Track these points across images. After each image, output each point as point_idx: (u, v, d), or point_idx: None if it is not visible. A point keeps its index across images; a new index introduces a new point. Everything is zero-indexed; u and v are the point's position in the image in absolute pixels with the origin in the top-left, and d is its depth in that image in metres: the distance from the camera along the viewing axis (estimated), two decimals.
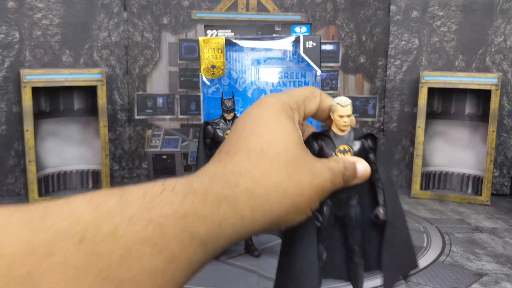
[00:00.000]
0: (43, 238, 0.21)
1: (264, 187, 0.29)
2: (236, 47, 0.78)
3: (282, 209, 0.30)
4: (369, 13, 1.13)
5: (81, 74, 1.02)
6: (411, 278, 0.62)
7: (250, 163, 0.30)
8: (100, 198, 0.24)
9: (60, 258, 0.21)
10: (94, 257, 0.22)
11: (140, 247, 0.23)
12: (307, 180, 0.32)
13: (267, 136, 0.32)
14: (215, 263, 0.67)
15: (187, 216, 0.25)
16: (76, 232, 0.22)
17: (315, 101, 0.38)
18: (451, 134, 1.10)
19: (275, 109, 0.34)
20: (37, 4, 1.04)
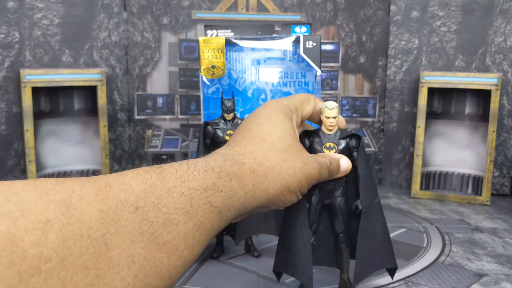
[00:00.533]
0: (109, 206, 0.25)
1: (263, 168, 0.36)
2: (236, 47, 0.78)
3: (277, 188, 0.36)
4: (369, 13, 1.13)
5: (81, 74, 1.02)
6: (411, 278, 0.62)
7: (252, 146, 0.36)
8: (144, 174, 0.28)
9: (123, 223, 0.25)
10: (145, 222, 0.26)
11: (176, 215, 0.28)
12: (299, 166, 0.38)
13: (266, 127, 0.38)
14: (215, 263, 0.67)
15: (208, 189, 0.30)
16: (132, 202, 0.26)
17: (310, 105, 0.45)
18: (451, 134, 1.10)
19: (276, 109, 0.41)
20: (37, 4, 1.04)
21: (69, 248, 0.22)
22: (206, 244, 0.31)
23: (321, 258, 0.55)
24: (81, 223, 0.23)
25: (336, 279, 0.59)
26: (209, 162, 0.33)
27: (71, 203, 0.24)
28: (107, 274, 0.24)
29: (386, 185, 1.18)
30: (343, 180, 0.51)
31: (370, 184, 0.49)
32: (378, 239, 0.50)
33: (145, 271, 0.26)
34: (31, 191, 0.23)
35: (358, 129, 1.17)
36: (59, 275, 0.22)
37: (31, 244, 0.21)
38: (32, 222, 0.22)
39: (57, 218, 0.23)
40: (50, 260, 0.21)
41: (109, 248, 0.24)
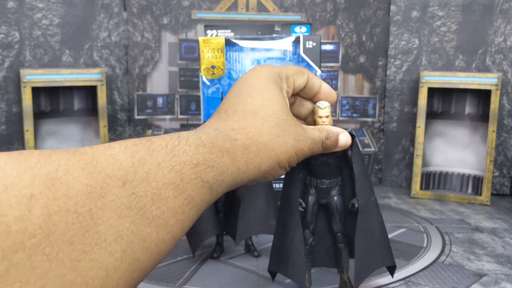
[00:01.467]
0: (96, 180, 0.25)
1: (256, 144, 0.35)
2: (236, 47, 0.78)
3: (268, 164, 0.36)
4: (369, 13, 1.13)
5: (81, 74, 1.02)
6: (411, 278, 0.62)
7: (245, 121, 0.36)
8: (133, 147, 0.28)
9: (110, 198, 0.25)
10: (134, 197, 0.26)
11: (166, 190, 0.28)
12: (290, 143, 0.38)
13: (259, 100, 0.37)
14: (215, 263, 0.67)
15: (199, 164, 0.30)
16: (120, 176, 0.26)
17: (303, 77, 0.43)
18: (451, 134, 1.10)
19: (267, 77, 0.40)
20: (37, 4, 1.04)
21: (55, 223, 0.22)
22: (195, 218, 0.31)
23: (320, 259, 0.55)
24: (67, 198, 0.23)
25: (336, 279, 0.59)
26: (201, 136, 0.32)
27: (56, 177, 0.23)
28: (94, 250, 0.23)
29: (386, 185, 1.18)
30: (339, 179, 0.51)
31: (366, 182, 0.49)
32: (376, 238, 0.50)
33: (133, 246, 0.26)
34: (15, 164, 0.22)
35: (358, 129, 1.17)
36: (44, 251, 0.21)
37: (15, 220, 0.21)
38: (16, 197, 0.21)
39: (42, 193, 0.22)
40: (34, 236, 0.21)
41: (96, 223, 0.24)
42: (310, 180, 0.51)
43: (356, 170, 0.48)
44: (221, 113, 0.37)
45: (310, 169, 0.50)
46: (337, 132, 0.44)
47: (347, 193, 0.51)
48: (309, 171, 0.51)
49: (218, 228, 0.67)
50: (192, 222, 0.31)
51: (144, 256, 0.26)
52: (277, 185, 0.82)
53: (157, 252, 0.27)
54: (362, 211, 0.49)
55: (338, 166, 0.50)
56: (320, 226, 0.53)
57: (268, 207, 0.65)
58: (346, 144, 0.45)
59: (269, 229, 0.65)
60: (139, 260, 0.26)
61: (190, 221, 0.30)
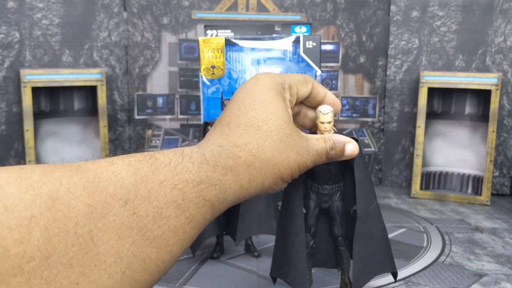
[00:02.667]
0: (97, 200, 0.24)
1: (259, 160, 0.35)
2: (236, 47, 0.78)
3: (271, 180, 0.36)
4: (369, 13, 1.13)
5: (81, 74, 1.02)
6: (411, 278, 0.62)
7: (248, 137, 0.35)
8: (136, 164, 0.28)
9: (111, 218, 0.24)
10: (135, 217, 0.26)
11: (167, 209, 0.27)
12: (293, 158, 0.38)
13: (262, 114, 0.37)
14: (215, 263, 0.67)
15: (201, 183, 0.30)
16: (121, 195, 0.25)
17: (307, 86, 0.43)
18: (451, 134, 1.10)
19: (270, 88, 0.39)
20: (37, 4, 1.04)
21: (54, 246, 0.22)
22: (196, 237, 0.31)
23: (321, 260, 0.54)
24: (68, 219, 0.23)
25: (336, 280, 0.59)
26: (204, 154, 0.32)
27: (57, 197, 0.23)
28: (94, 272, 0.23)
29: (386, 185, 1.18)
30: (341, 184, 0.50)
31: (367, 188, 0.48)
32: (375, 244, 0.49)
33: (133, 267, 0.25)
34: (16, 183, 0.22)
35: (358, 129, 1.17)
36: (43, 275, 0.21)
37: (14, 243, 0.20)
38: (16, 218, 0.21)
39: (42, 214, 0.22)
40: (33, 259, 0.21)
41: (96, 245, 0.24)
42: (311, 185, 0.50)
43: (358, 175, 0.47)
44: (224, 127, 0.37)
45: (311, 174, 0.49)
46: (344, 142, 0.43)
47: (350, 197, 0.51)
48: (310, 176, 0.50)
49: (218, 228, 0.67)
50: (192, 241, 0.30)
51: (143, 277, 0.26)
52: None
53: (157, 272, 0.27)
54: (362, 216, 0.48)
55: (340, 171, 0.49)
56: (322, 228, 0.53)
57: (268, 207, 0.65)
58: (352, 154, 0.44)
59: (269, 229, 0.65)
60: (138, 281, 0.26)
61: (191, 240, 0.30)
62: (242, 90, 0.40)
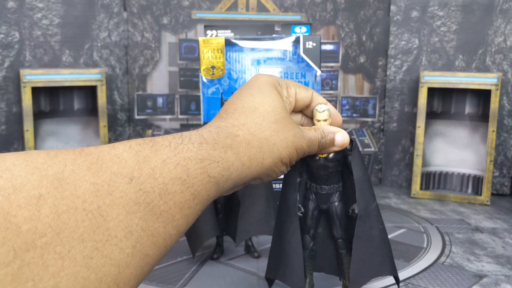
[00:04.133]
0: (102, 179, 0.25)
1: (258, 139, 0.36)
2: (236, 47, 0.78)
3: (271, 160, 0.37)
4: (369, 13, 1.13)
5: (81, 74, 1.02)
6: (411, 280, 0.62)
7: (245, 117, 0.36)
8: (137, 146, 0.28)
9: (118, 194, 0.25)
10: (142, 193, 0.26)
11: (173, 185, 0.28)
12: (290, 139, 0.38)
13: (258, 98, 0.38)
14: (215, 264, 0.67)
15: (204, 160, 0.30)
16: (126, 173, 0.26)
17: (307, 92, 0.44)
18: (451, 134, 1.10)
19: (267, 82, 0.41)
20: (37, 4, 1.03)
21: (64, 221, 0.22)
22: (200, 213, 0.31)
23: (322, 265, 0.54)
24: (75, 197, 0.23)
25: (337, 283, 0.59)
26: (203, 134, 0.33)
27: (63, 178, 0.23)
28: (106, 246, 0.24)
29: (386, 185, 1.18)
30: (339, 185, 0.50)
31: (367, 188, 0.48)
32: (375, 245, 0.48)
33: (142, 241, 0.26)
34: (23, 166, 0.23)
35: (358, 129, 1.17)
36: (56, 249, 0.21)
37: (25, 220, 0.21)
38: (25, 197, 0.21)
39: (50, 193, 0.22)
40: (45, 234, 0.21)
41: (106, 220, 0.24)
42: (310, 185, 0.50)
43: (356, 175, 0.47)
44: (221, 113, 0.38)
45: (310, 174, 0.49)
46: (333, 131, 0.44)
47: (349, 198, 0.50)
48: (309, 176, 0.50)
49: (218, 229, 0.67)
50: (197, 217, 0.31)
51: (152, 251, 0.27)
52: (277, 186, 0.82)
53: (164, 246, 0.28)
54: (361, 217, 0.47)
55: (338, 171, 0.49)
56: (322, 231, 0.53)
57: (268, 208, 0.65)
58: (343, 143, 0.45)
59: (269, 230, 0.65)
60: (148, 255, 0.26)
61: (195, 216, 0.30)
62: (241, 87, 0.42)
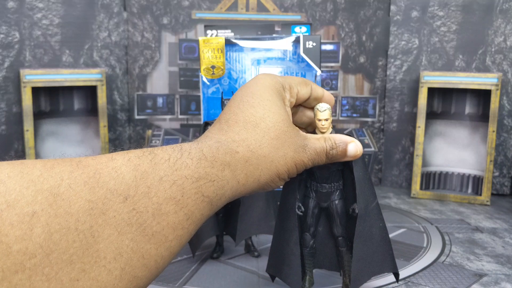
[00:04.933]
0: (97, 196, 0.24)
1: (256, 156, 0.35)
2: (236, 47, 0.78)
3: (268, 176, 0.36)
4: (369, 13, 1.13)
5: (81, 74, 1.02)
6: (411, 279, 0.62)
7: (246, 133, 0.36)
8: (136, 160, 0.27)
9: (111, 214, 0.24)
10: (135, 213, 0.25)
11: (167, 205, 0.27)
12: (290, 155, 0.38)
13: (260, 111, 0.37)
14: (215, 263, 0.67)
15: (200, 179, 0.30)
16: (121, 191, 0.25)
17: (307, 88, 0.43)
18: (451, 134, 1.10)
19: (270, 87, 0.39)
20: (37, 4, 1.04)
21: (55, 242, 0.22)
22: (194, 233, 0.31)
23: (322, 262, 0.54)
24: (69, 215, 0.23)
25: (338, 280, 0.59)
26: (203, 149, 0.32)
27: (59, 193, 0.23)
28: (94, 268, 0.23)
29: (386, 185, 1.18)
30: (340, 183, 0.50)
31: (367, 186, 0.48)
32: (375, 244, 0.49)
33: (132, 263, 0.25)
34: (18, 178, 0.22)
35: (358, 129, 1.17)
36: (44, 271, 0.21)
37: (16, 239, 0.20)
38: (18, 215, 0.21)
39: (44, 210, 0.22)
40: (35, 256, 0.21)
41: (96, 241, 0.24)
42: (310, 184, 0.50)
43: (357, 173, 0.47)
44: (223, 123, 0.37)
45: (310, 173, 0.50)
46: (346, 142, 0.43)
47: (350, 197, 0.50)
48: (309, 175, 0.50)
49: (218, 228, 0.67)
50: (190, 237, 0.30)
51: (142, 273, 0.26)
52: None
53: (155, 268, 0.27)
54: (362, 215, 0.48)
55: (339, 169, 0.49)
56: (323, 229, 0.53)
57: (268, 207, 0.65)
58: (355, 154, 0.43)
59: (269, 229, 0.65)
60: (137, 277, 0.26)
61: (189, 236, 0.30)
62: (242, 89, 0.40)
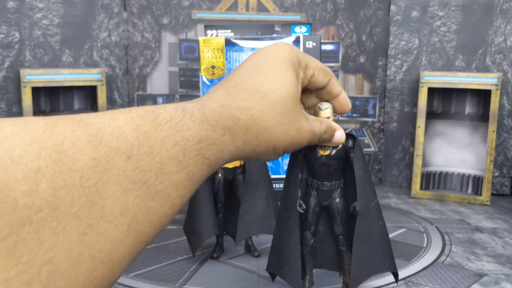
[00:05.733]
0: (101, 154, 0.25)
1: (257, 126, 0.35)
2: (236, 47, 0.78)
3: (264, 149, 0.37)
4: (369, 13, 1.13)
5: (81, 74, 1.02)
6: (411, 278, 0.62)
7: (252, 102, 0.36)
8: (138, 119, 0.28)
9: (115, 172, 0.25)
10: (138, 171, 0.26)
11: (169, 164, 0.28)
12: (291, 133, 0.38)
13: (272, 83, 0.37)
14: (215, 263, 0.67)
15: (201, 141, 0.31)
16: (125, 150, 0.26)
17: (325, 77, 0.43)
18: (451, 134, 1.10)
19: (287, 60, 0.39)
20: (37, 4, 1.04)
21: (61, 197, 0.22)
22: (193, 192, 0.32)
23: (323, 261, 0.54)
24: (73, 172, 0.23)
25: (338, 280, 0.59)
26: (206, 112, 0.32)
27: (62, 150, 0.23)
28: (100, 223, 0.24)
29: (386, 185, 1.18)
30: (341, 181, 0.50)
31: (367, 185, 0.49)
32: (375, 243, 0.49)
33: (138, 219, 0.26)
34: (21, 135, 0.22)
35: (358, 129, 1.17)
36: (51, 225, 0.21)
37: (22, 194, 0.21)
38: (23, 170, 0.21)
39: (48, 166, 0.22)
40: (41, 210, 0.21)
41: (102, 197, 0.24)
42: (312, 182, 0.50)
43: (357, 172, 0.47)
44: (231, 86, 0.37)
45: (311, 171, 0.50)
46: (335, 128, 0.46)
47: (350, 195, 0.51)
48: (310, 173, 0.50)
49: (218, 228, 0.67)
50: (191, 196, 0.32)
51: (147, 229, 0.27)
52: (277, 185, 0.82)
53: (159, 224, 0.28)
54: (362, 214, 0.48)
55: (339, 168, 0.49)
56: (323, 228, 0.53)
57: (268, 207, 0.65)
58: (339, 141, 0.46)
59: (269, 229, 0.65)
60: (143, 233, 0.27)
61: (190, 195, 0.31)
62: (258, 54, 0.40)
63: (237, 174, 0.67)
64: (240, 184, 0.66)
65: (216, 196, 0.67)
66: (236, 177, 0.67)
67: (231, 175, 0.67)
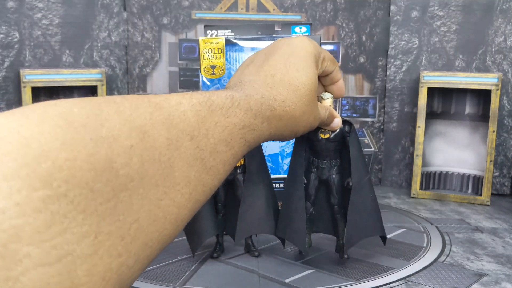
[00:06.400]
0: (172, 135, 0.30)
1: (288, 116, 0.42)
2: (236, 47, 0.78)
3: (289, 133, 0.44)
4: (369, 13, 1.13)
5: (81, 74, 1.02)
6: (411, 278, 0.62)
7: (287, 94, 0.42)
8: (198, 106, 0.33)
9: (183, 150, 0.31)
10: (198, 150, 0.32)
11: (220, 145, 0.34)
12: (311, 120, 0.46)
13: (303, 76, 0.44)
14: (215, 263, 0.67)
15: (244, 127, 0.37)
16: (189, 132, 0.32)
17: (333, 67, 0.51)
18: (451, 134, 1.10)
19: (312, 54, 0.46)
20: (37, 4, 1.04)
21: (146, 169, 0.27)
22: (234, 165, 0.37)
23: (320, 227, 0.65)
24: (154, 149, 0.28)
25: (332, 244, 0.67)
26: (250, 102, 0.38)
27: (146, 131, 0.28)
28: (172, 191, 0.29)
29: (386, 185, 1.18)
30: (337, 160, 0.60)
31: (361, 163, 0.58)
32: (367, 211, 0.58)
33: (196, 189, 0.32)
34: (116, 116, 0.27)
35: (358, 129, 1.17)
36: (139, 191, 0.26)
37: (122, 166, 0.25)
38: (121, 147, 0.26)
39: (137, 144, 0.27)
40: (133, 179, 0.26)
41: (173, 170, 0.29)
42: (312, 160, 0.60)
43: (352, 152, 0.57)
44: (268, 77, 0.43)
45: (313, 151, 0.59)
46: (334, 116, 0.54)
47: (346, 172, 0.60)
48: (312, 152, 0.60)
49: (218, 228, 0.67)
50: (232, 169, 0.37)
51: (201, 197, 0.33)
52: (277, 185, 0.82)
53: (209, 194, 0.34)
54: (355, 188, 0.58)
55: (337, 149, 0.59)
56: (321, 199, 0.63)
57: (268, 207, 0.65)
58: (336, 126, 0.55)
59: (269, 228, 0.65)
60: (198, 201, 0.32)
61: (231, 169, 0.37)
62: (285, 46, 0.46)
63: (237, 174, 0.67)
64: (240, 184, 0.66)
65: (216, 196, 0.67)
66: (236, 177, 0.67)
67: (231, 175, 0.67)
